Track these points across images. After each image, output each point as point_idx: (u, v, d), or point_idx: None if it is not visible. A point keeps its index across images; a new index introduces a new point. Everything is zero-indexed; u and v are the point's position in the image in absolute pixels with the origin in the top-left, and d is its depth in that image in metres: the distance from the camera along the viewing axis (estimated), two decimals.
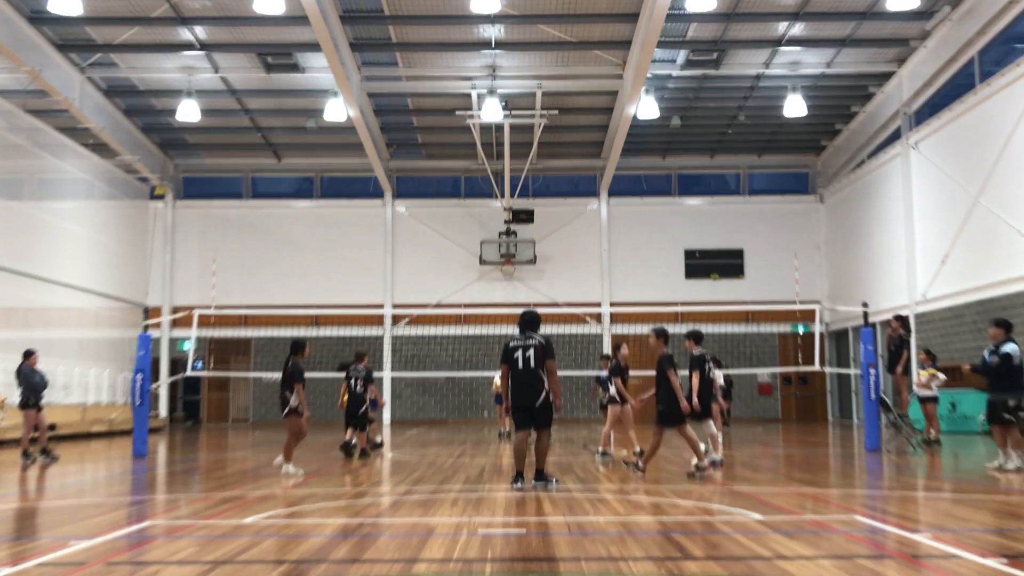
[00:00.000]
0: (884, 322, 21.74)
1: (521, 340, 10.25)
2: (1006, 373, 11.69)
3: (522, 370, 10.06)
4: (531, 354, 10.07)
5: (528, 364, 10.04)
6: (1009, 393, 11.69)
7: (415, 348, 30.16)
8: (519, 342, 10.25)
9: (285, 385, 12.15)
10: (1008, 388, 11.72)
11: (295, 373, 12.10)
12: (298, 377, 12.09)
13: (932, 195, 23.39)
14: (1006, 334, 11.92)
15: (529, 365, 10.04)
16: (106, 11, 21.08)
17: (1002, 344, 11.81)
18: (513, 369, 10.12)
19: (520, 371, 10.07)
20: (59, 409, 21.90)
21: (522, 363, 10.07)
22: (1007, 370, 11.67)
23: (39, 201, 24.56)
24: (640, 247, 30.88)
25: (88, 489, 11.10)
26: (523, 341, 10.22)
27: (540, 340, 10.22)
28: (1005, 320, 12.22)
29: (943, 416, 20.28)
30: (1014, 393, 11.68)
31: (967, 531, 6.97)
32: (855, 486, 10.43)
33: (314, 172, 31.79)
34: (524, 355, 10.08)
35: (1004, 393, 11.73)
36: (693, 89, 26.02)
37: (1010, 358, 11.65)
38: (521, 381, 10.06)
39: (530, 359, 10.05)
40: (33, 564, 5.88)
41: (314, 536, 6.92)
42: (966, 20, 21.12)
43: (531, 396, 10.01)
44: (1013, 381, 11.69)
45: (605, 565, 5.74)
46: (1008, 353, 11.69)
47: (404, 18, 21.60)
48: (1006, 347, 11.76)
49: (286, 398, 12.10)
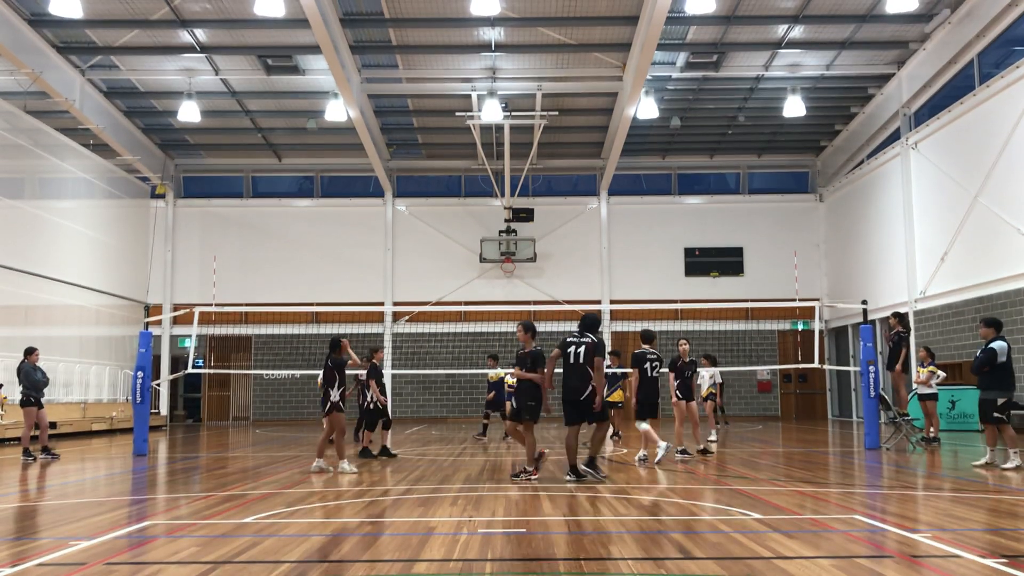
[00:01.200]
0: (883, 319, 21.77)
1: (576, 338, 10.84)
2: (994, 371, 11.75)
3: (572, 365, 10.71)
4: (582, 351, 10.67)
5: (578, 359, 10.66)
6: (997, 391, 11.74)
7: (415, 346, 30.20)
8: (575, 339, 10.85)
9: (326, 382, 12.31)
10: (996, 386, 11.79)
11: (335, 368, 12.25)
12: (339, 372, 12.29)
13: (931, 195, 23.42)
14: (995, 332, 12.01)
15: (579, 360, 10.65)
16: (106, 14, 21.10)
17: (991, 342, 11.90)
18: (564, 364, 10.79)
19: (570, 366, 10.73)
20: (60, 407, 21.94)
21: (572, 358, 10.70)
22: (994, 368, 11.73)
23: (41, 200, 24.59)
24: (640, 245, 30.91)
25: (88, 488, 11.12)
26: (578, 339, 10.81)
27: (592, 339, 10.77)
28: (994, 319, 12.32)
29: (943, 414, 20.31)
30: (1002, 391, 11.73)
31: (967, 531, 6.99)
32: (855, 485, 10.44)
33: (314, 172, 31.82)
34: (576, 351, 10.69)
35: (993, 391, 11.79)
36: (693, 90, 26.03)
37: (994, 354, 11.71)
38: (570, 376, 10.73)
39: (580, 355, 10.66)
40: (33, 564, 5.90)
41: (314, 536, 6.94)
42: (965, 23, 21.15)
43: (577, 391, 10.64)
44: (1001, 379, 11.76)
45: (605, 565, 5.76)
46: (993, 348, 11.76)
47: (404, 21, 21.61)
48: (993, 343, 11.85)
49: (328, 394, 12.21)
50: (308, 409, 30.23)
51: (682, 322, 29.78)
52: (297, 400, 30.45)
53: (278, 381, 30.35)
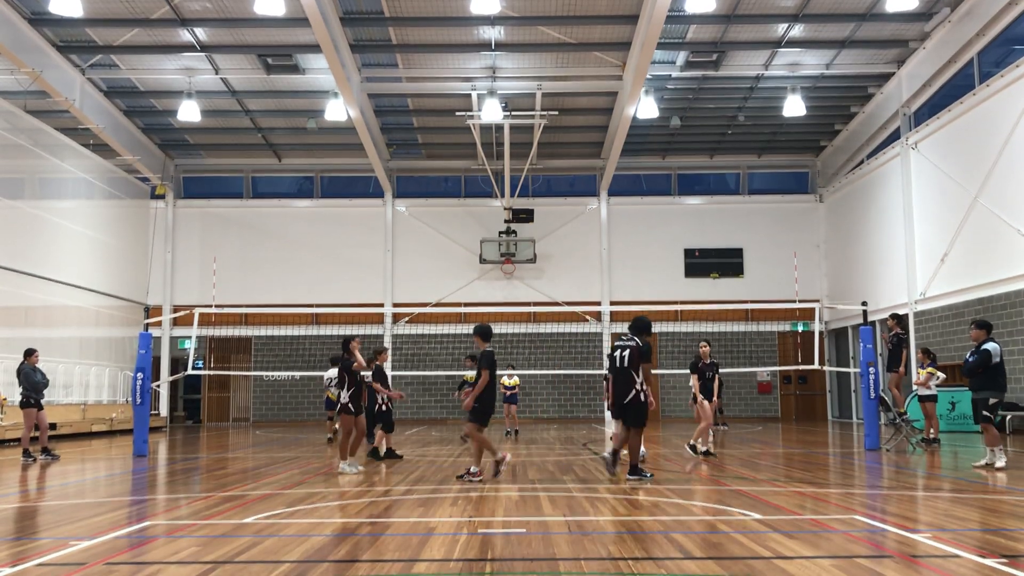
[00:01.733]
0: (882, 321, 21.77)
1: (623, 341, 11.07)
2: (987, 371, 11.88)
3: (618, 368, 10.94)
4: (626, 354, 10.86)
5: (623, 363, 10.85)
6: (989, 391, 11.84)
7: (415, 347, 30.19)
8: (621, 342, 11.07)
9: (339, 383, 12.47)
10: (989, 386, 11.90)
11: (344, 370, 12.33)
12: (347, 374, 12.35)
13: (931, 195, 23.41)
14: (987, 334, 12.14)
15: (624, 364, 10.84)
16: (106, 13, 21.10)
17: (983, 344, 12.01)
18: (612, 367, 11.11)
19: (616, 369, 10.97)
20: (60, 408, 21.93)
21: (618, 362, 10.93)
22: (987, 368, 11.87)
23: (40, 200, 24.59)
24: (640, 246, 30.91)
25: (88, 489, 11.12)
26: (624, 342, 11.02)
27: (637, 343, 10.92)
28: (985, 321, 12.49)
29: (943, 415, 20.32)
30: (995, 392, 11.84)
31: (966, 531, 6.99)
32: (855, 486, 10.44)
33: (314, 172, 31.82)
34: (621, 355, 10.91)
35: (986, 391, 11.89)
36: (693, 90, 26.03)
37: (989, 355, 11.86)
38: (616, 380, 10.98)
39: (624, 359, 10.85)
40: (33, 564, 5.90)
41: (314, 536, 6.93)
42: (965, 22, 21.15)
43: (622, 394, 10.83)
44: (993, 379, 11.89)
45: (605, 565, 5.75)
46: (987, 350, 11.90)
47: (404, 20, 21.61)
48: (986, 345, 11.99)
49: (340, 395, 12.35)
50: (308, 410, 30.23)
51: (682, 323, 29.80)
52: (297, 401, 30.45)
53: (278, 382, 30.35)
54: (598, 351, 29.90)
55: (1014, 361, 19.18)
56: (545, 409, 29.93)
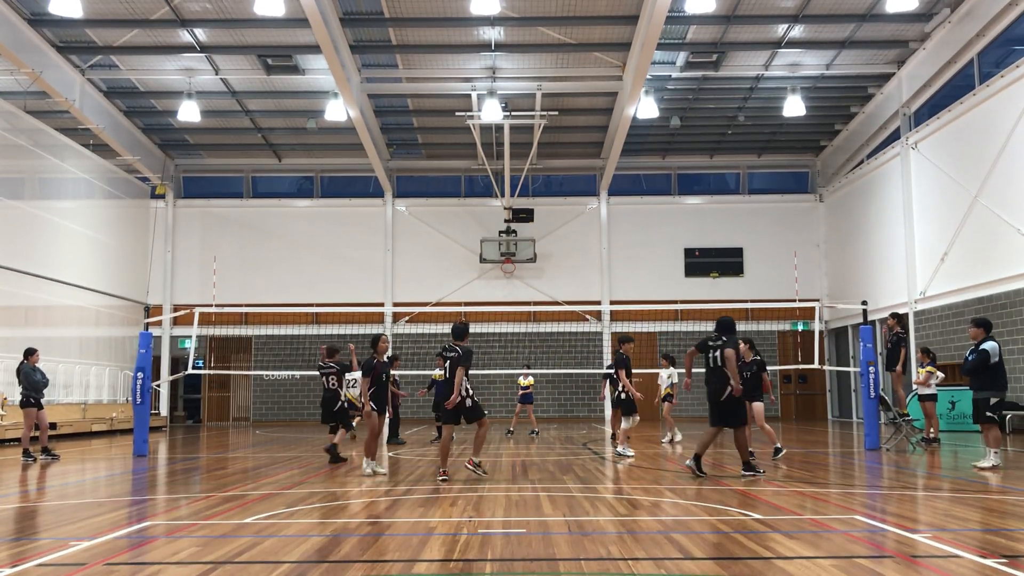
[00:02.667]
0: (882, 320, 21.78)
1: (715, 341, 11.27)
2: (986, 371, 11.83)
3: (712, 367, 11.15)
4: (718, 354, 11.08)
5: (716, 363, 11.09)
6: (990, 391, 11.81)
7: (415, 346, 30.19)
8: (713, 343, 11.27)
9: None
10: (989, 386, 11.85)
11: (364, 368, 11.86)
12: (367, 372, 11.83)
13: (931, 194, 23.42)
14: (985, 333, 12.09)
15: (717, 363, 11.07)
16: (106, 13, 21.11)
17: (982, 343, 11.97)
18: (706, 367, 11.26)
19: (710, 369, 11.17)
20: (60, 408, 21.94)
21: (712, 362, 11.16)
22: (986, 368, 11.82)
23: (41, 200, 24.59)
24: (640, 246, 30.92)
25: (88, 489, 11.12)
26: (715, 342, 11.24)
27: (727, 342, 11.14)
28: (984, 319, 12.39)
29: (943, 415, 20.32)
30: (994, 391, 11.81)
31: (966, 531, 6.99)
32: (855, 485, 10.44)
33: (314, 172, 31.83)
34: (714, 354, 11.13)
35: (987, 391, 11.86)
36: (693, 90, 26.03)
37: (987, 355, 11.81)
38: (710, 379, 11.16)
39: (717, 358, 11.08)
40: (33, 565, 5.90)
41: (314, 536, 6.93)
42: (965, 22, 21.15)
43: (716, 393, 11.05)
44: (993, 379, 11.83)
45: (605, 565, 5.76)
46: (985, 350, 11.86)
47: (404, 20, 21.61)
48: (984, 344, 11.94)
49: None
50: (308, 410, 30.22)
51: (682, 323, 29.81)
52: (297, 401, 30.46)
53: (278, 382, 30.35)
54: (598, 350, 29.91)
55: (1014, 360, 19.18)
56: (545, 408, 29.92)
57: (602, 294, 30.61)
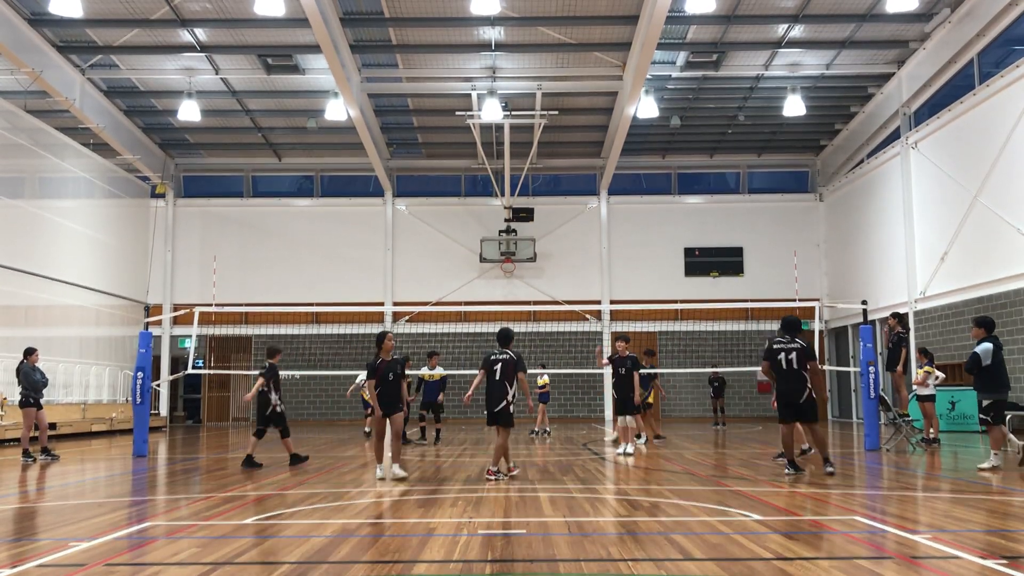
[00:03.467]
0: (883, 320, 21.78)
1: (784, 343, 11.30)
2: (982, 373, 11.76)
3: (786, 370, 11.15)
4: (793, 356, 11.14)
5: (791, 365, 11.11)
6: (984, 393, 11.80)
7: (415, 346, 30.14)
8: (782, 344, 11.28)
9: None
10: (984, 387, 11.83)
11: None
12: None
13: (931, 194, 23.42)
14: (986, 333, 12.00)
15: (792, 366, 11.10)
16: (106, 13, 21.10)
17: (980, 343, 11.91)
18: (778, 369, 11.22)
19: (784, 371, 11.17)
20: (60, 408, 21.94)
21: (785, 364, 11.15)
22: (981, 370, 11.75)
23: (41, 200, 24.60)
24: (640, 245, 30.92)
25: (88, 489, 11.12)
26: (786, 344, 11.26)
27: (801, 343, 11.28)
28: (984, 318, 12.29)
29: (943, 415, 20.32)
30: (988, 393, 11.76)
31: (966, 532, 6.99)
32: (855, 486, 10.44)
33: (314, 171, 31.83)
34: (787, 357, 11.14)
35: (981, 392, 11.87)
36: (693, 90, 26.03)
37: (978, 358, 11.73)
38: (786, 380, 11.16)
39: (792, 360, 11.11)
40: (33, 565, 5.90)
41: (314, 536, 6.93)
42: (965, 22, 21.15)
43: (796, 393, 11.09)
44: (988, 380, 11.75)
45: (605, 565, 5.76)
46: (975, 352, 11.79)
47: (404, 20, 21.61)
48: (978, 347, 11.86)
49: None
50: (308, 410, 30.23)
51: (682, 322, 29.81)
52: (297, 401, 30.41)
53: None
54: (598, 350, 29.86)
55: (1014, 360, 19.17)
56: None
57: (602, 293, 30.61)
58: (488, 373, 11.15)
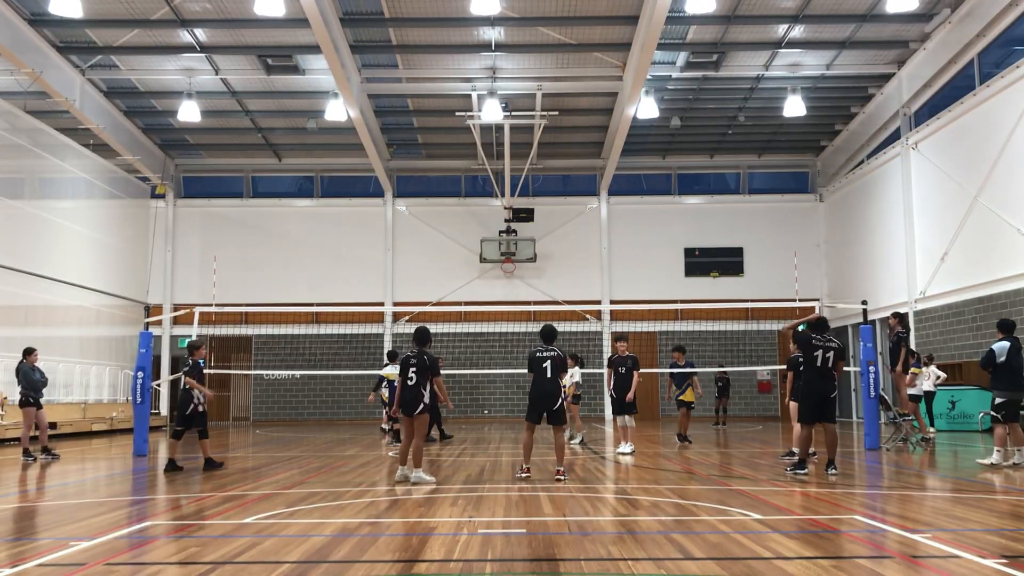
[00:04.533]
0: (883, 320, 21.78)
1: (822, 341, 11.33)
2: (997, 370, 11.89)
3: (820, 367, 11.18)
4: (831, 355, 11.21)
5: (827, 363, 11.17)
6: (999, 390, 11.88)
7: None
8: (820, 342, 11.32)
9: (421, 379, 10.54)
10: (998, 385, 11.93)
11: (433, 366, 10.67)
12: (436, 370, 10.72)
13: (931, 194, 23.42)
14: (1003, 333, 12.14)
15: (828, 364, 11.17)
16: (106, 13, 21.10)
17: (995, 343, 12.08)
18: (814, 368, 11.25)
19: (819, 369, 11.20)
20: (60, 407, 21.94)
21: (821, 362, 11.18)
22: (996, 367, 11.86)
23: (41, 200, 24.60)
24: (640, 245, 30.92)
25: (88, 488, 11.12)
26: (824, 342, 11.29)
27: (838, 343, 11.35)
28: (1004, 321, 12.45)
29: (943, 414, 20.36)
30: (1003, 391, 11.86)
31: (967, 531, 6.99)
32: (855, 485, 10.44)
33: (314, 172, 31.83)
34: (824, 355, 11.21)
35: (996, 390, 11.94)
36: (693, 90, 26.03)
37: (992, 354, 11.88)
38: (822, 377, 11.19)
39: (829, 360, 11.19)
40: (33, 565, 5.90)
41: (314, 536, 6.93)
42: (966, 22, 21.15)
43: (829, 392, 11.21)
44: (1004, 378, 11.87)
45: (605, 565, 5.76)
46: (991, 349, 11.95)
47: (404, 20, 21.61)
48: (994, 345, 12.03)
49: (421, 394, 10.51)
50: (308, 410, 30.24)
51: (682, 322, 29.80)
52: (297, 400, 30.46)
53: (278, 382, 30.35)
54: (598, 350, 29.88)
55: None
56: None
57: (602, 294, 30.61)
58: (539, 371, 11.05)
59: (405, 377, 10.65)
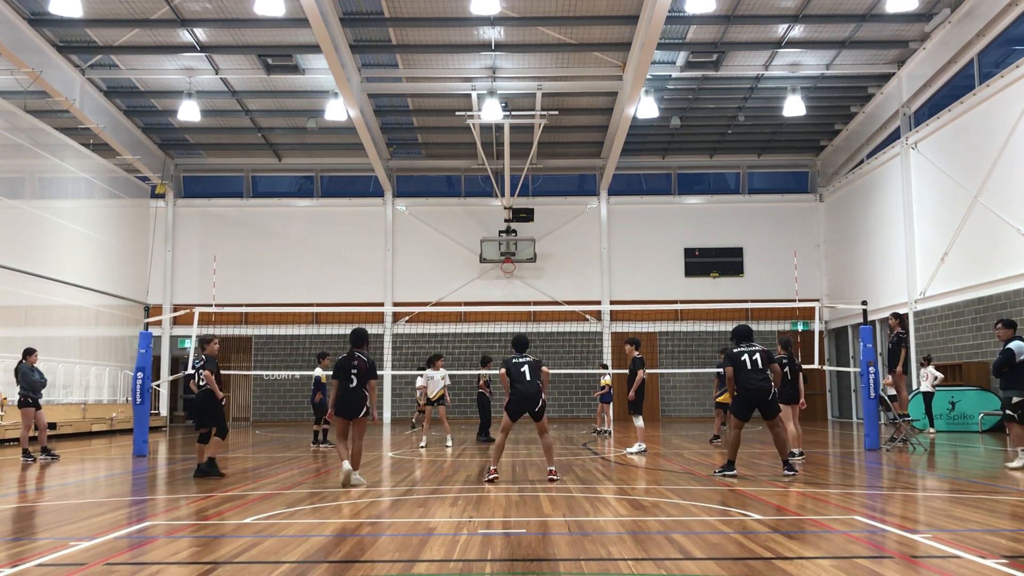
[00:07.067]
0: (883, 320, 21.79)
1: (745, 347, 11.55)
2: (1013, 371, 11.86)
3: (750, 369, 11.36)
4: (757, 357, 11.45)
5: (756, 365, 11.44)
6: (1015, 390, 11.81)
7: (415, 346, 30.18)
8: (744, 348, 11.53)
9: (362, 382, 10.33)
10: (1015, 385, 11.87)
11: (372, 368, 10.44)
12: (374, 374, 10.50)
13: (931, 194, 23.43)
14: (1012, 333, 12.20)
15: (758, 365, 11.44)
16: (106, 13, 21.10)
17: (1009, 343, 12.05)
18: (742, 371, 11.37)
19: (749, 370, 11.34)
20: (60, 408, 21.93)
21: (751, 364, 11.41)
22: (1013, 368, 11.85)
23: (41, 200, 24.59)
24: (640, 246, 30.92)
25: (88, 489, 11.11)
26: (747, 347, 11.51)
27: (763, 348, 11.55)
28: (1011, 320, 12.53)
29: (943, 415, 20.37)
30: (1018, 390, 11.78)
31: (967, 531, 6.99)
32: (855, 486, 10.44)
33: (314, 171, 31.83)
34: (751, 357, 11.36)
35: (1012, 390, 11.88)
36: (693, 90, 26.03)
37: (1012, 354, 11.87)
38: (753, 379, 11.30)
39: (757, 361, 11.43)
40: (33, 565, 5.90)
41: (314, 536, 6.93)
42: (965, 22, 21.15)
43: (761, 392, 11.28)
44: (1019, 378, 11.82)
45: (605, 565, 5.76)
46: (1010, 348, 11.93)
47: (404, 20, 21.61)
48: (1011, 344, 12.01)
49: (364, 396, 10.32)
50: (308, 410, 30.14)
51: (682, 323, 29.81)
52: (297, 401, 30.43)
53: (278, 382, 30.35)
54: (598, 350, 29.90)
55: None
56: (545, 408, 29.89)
57: (602, 294, 30.61)
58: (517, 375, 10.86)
59: (346, 380, 10.25)
